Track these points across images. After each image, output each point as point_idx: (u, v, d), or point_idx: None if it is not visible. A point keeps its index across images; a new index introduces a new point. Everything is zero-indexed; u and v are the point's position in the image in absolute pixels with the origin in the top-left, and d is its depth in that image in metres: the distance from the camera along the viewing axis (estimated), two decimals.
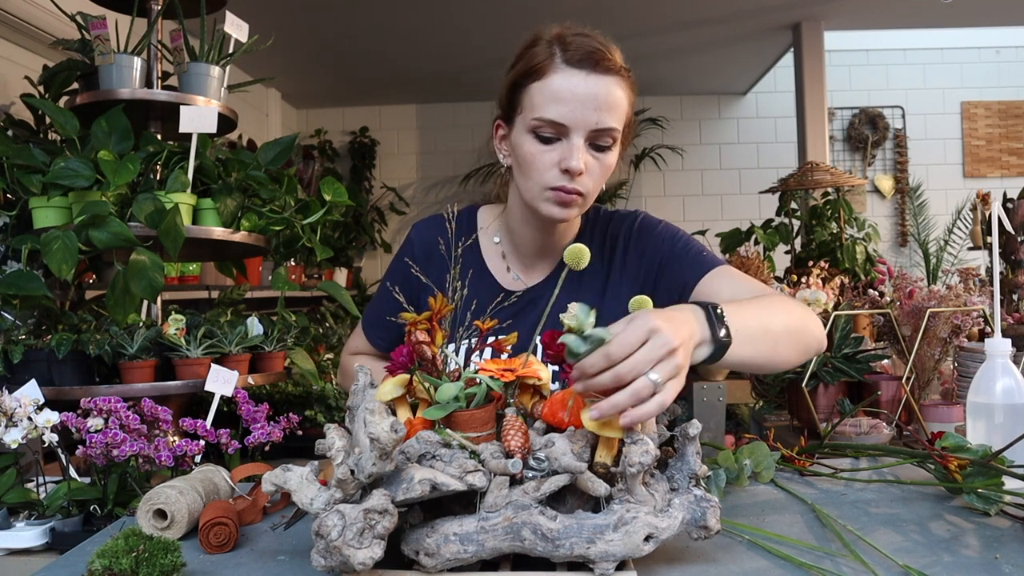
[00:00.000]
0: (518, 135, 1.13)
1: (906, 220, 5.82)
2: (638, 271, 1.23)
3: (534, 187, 1.12)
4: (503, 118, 1.18)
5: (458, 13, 4.19)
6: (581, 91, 1.07)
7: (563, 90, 1.07)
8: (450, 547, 0.74)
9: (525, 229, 1.23)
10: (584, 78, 1.07)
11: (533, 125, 1.09)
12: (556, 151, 1.09)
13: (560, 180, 1.09)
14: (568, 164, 1.07)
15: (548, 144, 1.09)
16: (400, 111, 6.08)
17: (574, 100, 1.07)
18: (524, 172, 1.13)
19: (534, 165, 1.10)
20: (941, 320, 1.82)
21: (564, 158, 1.08)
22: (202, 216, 1.81)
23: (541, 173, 1.10)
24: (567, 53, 1.08)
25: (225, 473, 1.08)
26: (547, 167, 1.10)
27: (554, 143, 1.09)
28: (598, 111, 1.07)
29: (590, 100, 1.07)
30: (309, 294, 4.50)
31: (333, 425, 0.84)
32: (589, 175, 1.10)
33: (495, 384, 0.84)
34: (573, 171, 1.08)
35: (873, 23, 4.96)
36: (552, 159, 1.09)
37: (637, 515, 0.74)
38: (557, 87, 1.07)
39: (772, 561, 0.81)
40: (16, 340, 1.60)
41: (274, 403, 2.25)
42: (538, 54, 1.10)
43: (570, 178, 1.09)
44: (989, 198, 3.23)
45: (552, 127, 1.08)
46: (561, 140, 1.09)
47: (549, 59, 1.09)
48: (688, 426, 0.83)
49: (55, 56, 2.29)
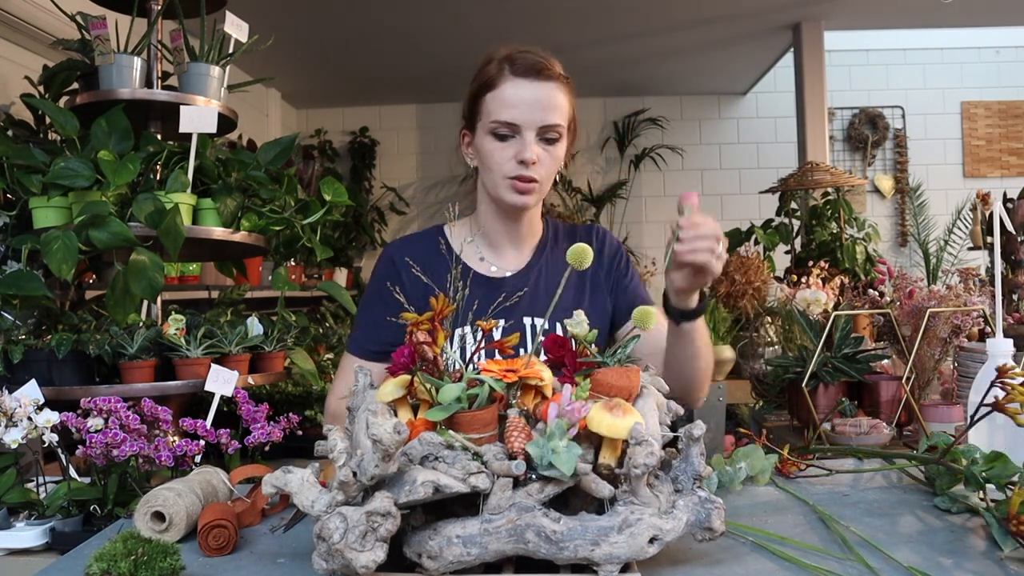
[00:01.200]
0: (480, 138, 1.34)
1: (906, 220, 5.82)
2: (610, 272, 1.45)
3: (496, 178, 1.32)
4: (467, 127, 1.39)
5: (458, 13, 4.19)
6: (528, 96, 1.28)
7: (513, 96, 1.29)
8: (453, 549, 0.73)
9: (495, 222, 1.40)
10: (529, 85, 1.29)
11: (491, 127, 1.30)
12: (512, 147, 1.30)
13: (517, 170, 1.29)
14: (523, 156, 1.28)
15: (504, 141, 1.30)
16: (400, 111, 6.08)
17: (522, 104, 1.28)
18: (487, 167, 1.33)
19: (494, 159, 1.31)
20: (941, 320, 1.82)
21: (519, 151, 1.29)
22: (202, 216, 1.80)
23: (501, 165, 1.31)
24: (514, 67, 1.30)
25: (223, 475, 1.07)
26: (505, 160, 1.30)
27: (509, 140, 1.30)
28: (543, 111, 1.28)
29: (536, 103, 1.28)
30: (309, 294, 4.50)
31: (334, 426, 0.84)
32: (542, 164, 1.31)
33: (497, 385, 0.83)
34: (527, 161, 1.28)
35: (873, 23, 4.96)
36: (509, 154, 1.30)
37: (641, 517, 0.74)
38: (508, 95, 1.29)
39: (776, 563, 0.81)
40: (16, 340, 1.60)
41: (274, 403, 2.25)
42: (491, 70, 1.32)
43: (525, 167, 1.29)
44: (989, 198, 3.23)
45: (507, 127, 1.29)
46: (515, 137, 1.30)
47: (500, 73, 1.31)
48: (692, 427, 0.83)
49: (55, 56, 2.28)
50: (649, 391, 0.91)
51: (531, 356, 0.90)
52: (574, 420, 0.77)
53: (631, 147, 5.88)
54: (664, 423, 0.91)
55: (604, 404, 0.79)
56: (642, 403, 0.88)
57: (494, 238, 1.41)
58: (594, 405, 0.80)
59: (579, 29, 4.48)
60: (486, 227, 1.41)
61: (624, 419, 0.77)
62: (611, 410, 0.78)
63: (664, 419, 0.91)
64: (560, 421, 0.77)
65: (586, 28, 4.47)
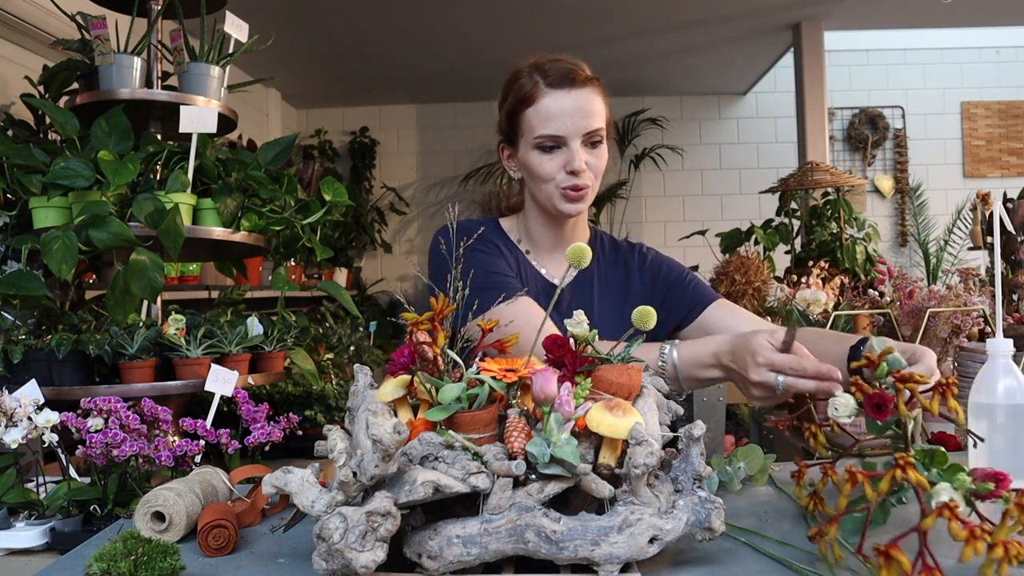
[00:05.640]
0: (524, 153, 1.35)
1: (906, 220, 5.82)
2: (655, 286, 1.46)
3: (549, 189, 1.34)
4: (506, 141, 1.41)
5: (458, 13, 4.19)
6: (567, 106, 1.30)
7: (553, 109, 1.30)
8: (453, 549, 0.73)
9: (544, 228, 1.43)
10: (567, 95, 1.30)
11: (536, 142, 1.32)
12: (559, 158, 1.32)
13: (569, 180, 1.32)
14: (572, 166, 1.31)
15: (551, 153, 1.32)
16: (400, 111, 6.08)
17: (563, 115, 1.30)
18: (537, 181, 1.35)
19: (544, 171, 1.33)
20: (941, 320, 1.82)
21: (567, 162, 1.31)
22: (202, 216, 1.80)
23: (552, 176, 1.33)
24: (548, 79, 1.31)
25: (223, 475, 1.07)
26: (555, 171, 1.32)
27: (556, 151, 1.32)
28: (585, 118, 1.31)
29: (576, 111, 1.30)
30: (309, 294, 4.50)
31: (334, 427, 0.84)
32: (590, 169, 1.34)
33: (497, 385, 0.83)
34: (577, 171, 1.31)
35: (873, 23, 4.96)
36: (557, 165, 1.32)
37: (641, 517, 0.74)
38: (548, 108, 1.30)
39: (776, 565, 0.81)
40: (16, 340, 1.60)
41: (274, 403, 2.25)
42: (525, 85, 1.33)
43: (576, 176, 1.32)
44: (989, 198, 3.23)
45: (552, 139, 1.31)
46: (561, 148, 1.32)
47: (535, 87, 1.32)
48: (692, 427, 0.83)
49: (55, 56, 2.29)
50: (649, 391, 0.91)
51: (531, 356, 0.90)
52: (567, 415, 0.78)
53: (631, 147, 5.89)
54: (664, 423, 0.91)
55: (604, 404, 0.79)
56: (642, 403, 0.88)
57: (541, 242, 1.45)
58: (594, 405, 0.80)
59: (579, 29, 4.48)
60: (533, 232, 1.44)
61: (624, 419, 0.77)
62: (611, 410, 0.78)
63: (664, 419, 0.91)
64: (557, 415, 0.78)
65: (586, 28, 4.47)
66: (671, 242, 5.64)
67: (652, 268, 1.47)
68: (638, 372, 0.89)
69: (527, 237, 1.46)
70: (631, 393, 0.88)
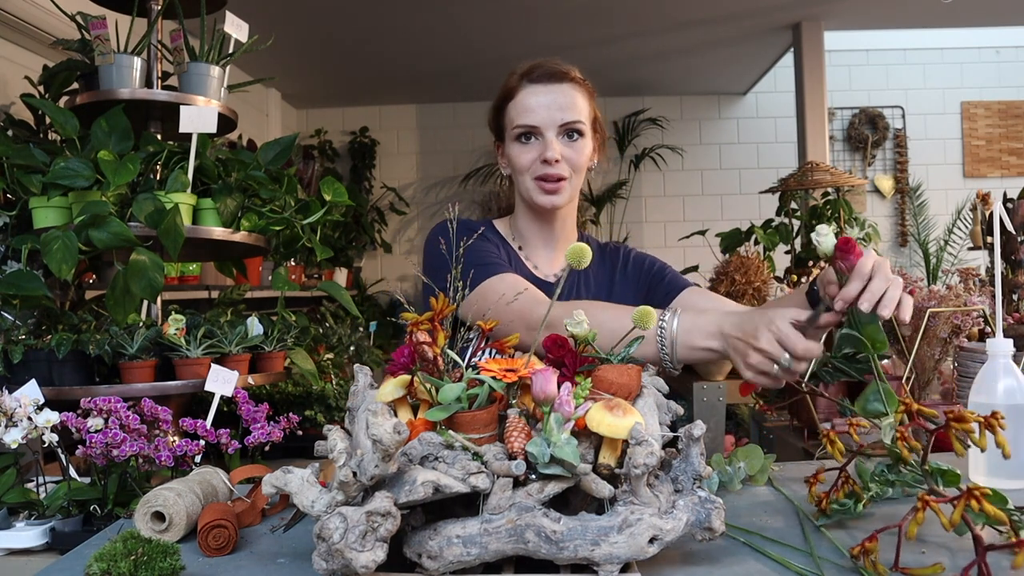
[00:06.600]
0: (507, 146, 1.42)
1: (906, 220, 5.82)
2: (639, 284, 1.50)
3: (526, 180, 1.39)
4: (497, 138, 1.48)
5: (458, 13, 4.19)
6: (545, 99, 1.36)
7: (531, 101, 1.37)
8: (453, 549, 0.73)
9: (530, 224, 1.47)
10: (544, 88, 1.37)
11: (515, 133, 1.38)
12: (535, 148, 1.37)
13: (542, 169, 1.36)
14: (545, 155, 1.35)
15: (527, 144, 1.38)
16: (400, 111, 6.08)
17: (539, 107, 1.36)
18: (516, 171, 1.40)
19: (521, 162, 1.38)
20: (941, 320, 1.82)
21: (541, 152, 1.36)
22: (202, 216, 1.80)
23: (527, 166, 1.38)
24: (531, 76, 1.38)
25: (223, 475, 1.07)
26: (531, 161, 1.37)
27: (532, 142, 1.37)
28: (561, 110, 1.35)
29: (553, 103, 1.36)
30: (309, 294, 4.50)
31: (334, 427, 0.84)
32: (566, 161, 1.37)
33: (497, 385, 0.83)
34: (550, 159, 1.35)
35: (873, 23, 4.96)
36: (533, 155, 1.37)
37: (641, 517, 0.74)
38: (525, 100, 1.37)
39: (776, 565, 0.81)
40: (16, 340, 1.59)
41: (274, 403, 2.25)
42: (511, 83, 1.41)
43: (549, 166, 1.36)
44: (989, 198, 3.22)
45: (527, 129, 1.37)
46: (537, 139, 1.37)
47: (518, 83, 1.39)
48: (692, 427, 0.83)
49: (55, 56, 2.29)
50: (649, 391, 0.91)
51: (531, 356, 0.90)
52: (567, 415, 0.78)
53: (631, 147, 5.88)
54: (664, 423, 0.91)
55: (604, 404, 0.79)
56: (642, 403, 0.88)
57: (529, 240, 1.48)
58: (594, 405, 0.80)
59: (579, 29, 4.48)
60: (522, 228, 1.48)
61: (624, 419, 0.77)
62: (611, 410, 0.78)
63: (664, 419, 0.91)
64: (557, 415, 0.78)
65: (586, 28, 4.47)
66: (671, 242, 5.65)
67: (635, 263, 1.51)
68: (638, 372, 0.89)
69: (518, 235, 1.49)
70: (631, 393, 0.88)
